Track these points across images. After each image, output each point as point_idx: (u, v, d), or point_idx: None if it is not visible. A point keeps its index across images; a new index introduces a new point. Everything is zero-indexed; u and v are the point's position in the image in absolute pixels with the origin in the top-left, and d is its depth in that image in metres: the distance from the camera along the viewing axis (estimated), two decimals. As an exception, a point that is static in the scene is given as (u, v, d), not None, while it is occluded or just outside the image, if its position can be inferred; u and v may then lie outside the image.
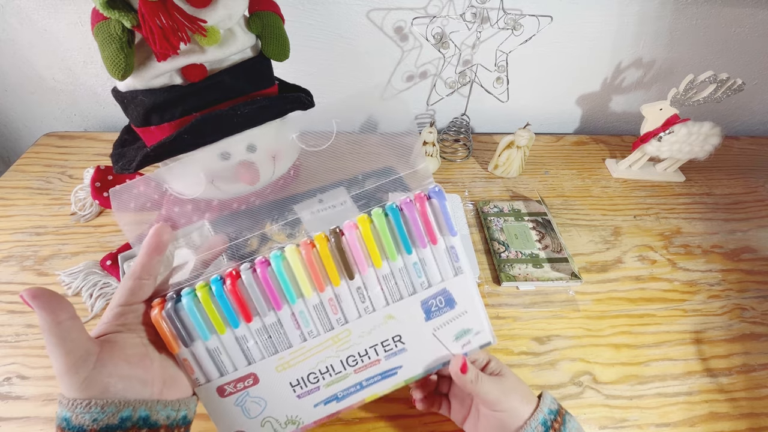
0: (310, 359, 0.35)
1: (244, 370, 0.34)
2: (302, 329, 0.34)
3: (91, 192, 0.60)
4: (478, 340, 0.37)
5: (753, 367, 0.51)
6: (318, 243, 0.33)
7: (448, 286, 0.35)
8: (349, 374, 0.36)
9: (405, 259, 0.34)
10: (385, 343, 0.36)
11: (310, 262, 0.33)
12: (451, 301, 0.35)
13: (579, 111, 0.90)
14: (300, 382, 0.35)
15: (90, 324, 0.50)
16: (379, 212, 0.34)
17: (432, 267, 0.35)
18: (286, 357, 0.35)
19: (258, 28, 0.50)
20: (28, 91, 0.79)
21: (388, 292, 0.35)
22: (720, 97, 0.66)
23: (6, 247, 0.57)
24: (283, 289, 0.33)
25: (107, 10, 0.39)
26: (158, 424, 0.29)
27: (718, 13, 0.75)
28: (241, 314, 0.33)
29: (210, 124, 0.48)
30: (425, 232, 0.34)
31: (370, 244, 0.33)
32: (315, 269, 0.33)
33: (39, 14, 0.68)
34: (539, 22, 0.59)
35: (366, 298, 0.35)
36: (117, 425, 0.28)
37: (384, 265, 0.34)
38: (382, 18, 0.71)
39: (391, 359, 0.36)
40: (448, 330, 0.36)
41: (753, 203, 0.74)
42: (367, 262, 0.33)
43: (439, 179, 0.74)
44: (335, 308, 0.34)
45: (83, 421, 0.27)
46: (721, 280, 0.60)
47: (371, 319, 0.35)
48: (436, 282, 0.35)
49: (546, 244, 0.61)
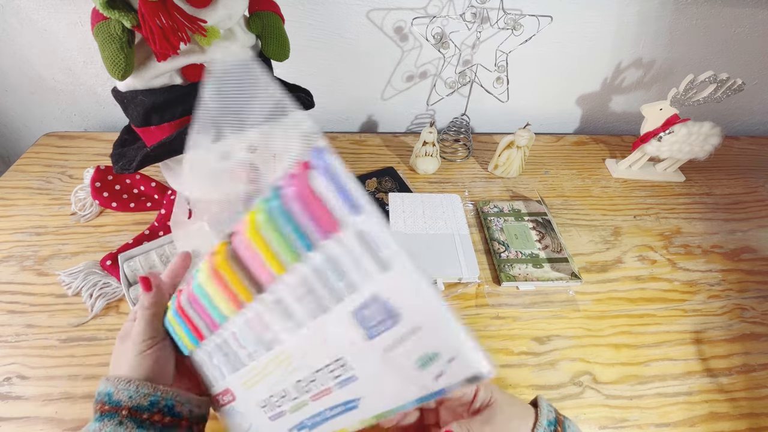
0: (265, 380, 0.31)
1: (222, 384, 0.34)
2: (245, 349, 0.30)
3: (91, 192, 0.60)
4: (457, 371, 0.23)
5: (753, 367, 0.51)
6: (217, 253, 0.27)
7: (380, 288, 0.23)
8: (306, 401, 0.30)
9: (310, 260, 0.24)
10: (330, 367, 0.28)
11: (216, 275, 0.28)
12: (391, 312, 0.24)
13: (579, 111, 0.90)
14: (267, 403, 0.32)
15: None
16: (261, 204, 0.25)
17: (348, 264, 0.23)
18: (245, 375, 0.31)
19: (258, 28, 0.50)
20: (28, 91, 0.79)
21: (311, 304, 0.26)
22: (720, 97, 0.66)
23: (6, 247, 0.57)
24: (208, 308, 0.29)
25: (107, 10, 0.39)
26: (181, 415, 0.32)
27: (718, 13, 0.75)
28: (194, 332, 0.32)
29: (210, 124, 0.48)
30: (319, 219, 0.23)
31: (260, 244, 0.25)
32: (225, 286, 0.28)
33: (39, 14, 0.68)
34: (539, 22, 0.59)
35: (289, 313, 0.27)
36: (146, 407, 0.31)
37: (289, 270, 0.25)
38: (382, 18, 0.71)
39: (344, 388, 0.28)
40: (405, 354, 0.25)
41: (753, 203, 0.74)
42: (269, 269, 0.26)
43: (439, 179, 0.74)
44: (263, 326, 0.28)
45: (121, 397, 0.31)
46: (721, 280, 0.60)
47: (304, 337, 0.27)
48: (361, 285, 0.24)
49: (546, 244, 0.61)
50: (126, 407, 0.30)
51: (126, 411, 0.30)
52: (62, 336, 0.48)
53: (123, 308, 0.51)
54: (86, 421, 0.42)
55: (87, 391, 0.44)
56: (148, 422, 0.31)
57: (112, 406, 0.31)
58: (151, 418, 0.31)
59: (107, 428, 0.30)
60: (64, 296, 0.52)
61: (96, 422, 0.30)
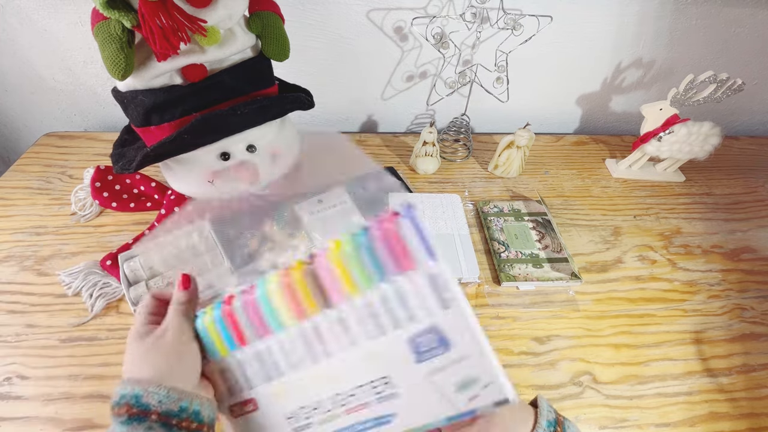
0: (301, 392, 0.33)
1: (246, 394, 0.35)
2: (290, 358, 0.33)
3: (91, 192, 0.60)
4: (489, 395, 0.29)
5: (753, 367, 0.51)
6: (294, 272, 0.31)
7: (438, 322, 0.29)
8: (339, 414, 0.33)
9: (380, 289, 0.29)
10: (374, 384, 0.32)
11: (289, 290, 0.31)
12: (444, 341, 0.29)
13: (579, 111, 0.90)
14: (294, 415, 0.34)
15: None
16: (348, 236, 0.30)
17: (413, 299, 0.29)
18: (278, 386, 0.34)
19: (258, 28, 0.50)
20: (28, 91, 0.79)
21: (371, 326, 0.30)
22: (720, 97, 0.66)
23: (6, 247, 0.57)
24: (267, 317, 0.32)
25: (107, 10, 0.39)
26: (203, 421, 0.32)
27: (718, 13, 0.75)
28: (237, 338, 0.34)
29: (210, 124, 0.48)
30: (399, 257, 0.28)
31: (341, 269, 0.30)
32: (294, 298, 0.31)
33: (39, 14, 0.68)
34: (539, 22, 0.59)
35: (348, 331, 0.31)
36: (176, 413, 0.31)
37: (361, 294, 0.30)
38: (382, 18, 0.71)
39: (383, 404, 0.32)
40: (447, 377, 0.30)
41: (753, 203, 0.74)
42: (342, 292, 0.30)
43: (439, 179, 0.74)
44: (318, 339, 0.32)
45: (151, 401, 0.30)
46: (721, 280, 0.60)
47: (354, 354, 0.31)
48: (422, 317, 0.29)
49: (546, 244, 0.61)
50: (156, 412, 0.30)
51: (156, 416, 0.30)
52: (62, 336, 0.48)
53: (123, 308, 0.51)
54: (87, 421, 0.42)
55: (87, 391, 0.44)
56: (176, 428, 0.30)
57: (141, 409, 0.30)
58: (180, 423, 0.31)
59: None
60: (64, 296, 0.52)
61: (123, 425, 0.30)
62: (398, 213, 0.28)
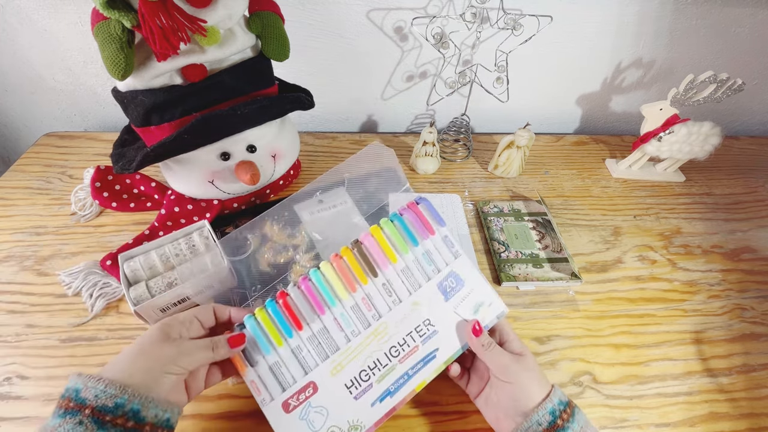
0: (358, 357, 0.40)
1: (303, 381, 0.39)
2: (345, 330, 0.40)
3: (91, 192, 0.60)
4: (493, 311, 0.43)
5: (753, 367, 0.51)
6: (344, 254, 0.42)
7: (454, 267, 0.44)
8: (395, 365, 0.40)
9: (414, 252, 0.43)
10: (418, 328, 0.41)
11: (341, 269, 0.42)
12: (460, 280, 0.43)
13: (579, 111, 0.90)
14: (354, 382, 0.39)
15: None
16: (386, 220, 0.44)
17: (436, 255, 0.44)
18: (337, 359, 0.39)
19: (258, 28, 0.50)
20: (28, 91, 0.79)
21: (409, 283, 0.42)
22: (720, 97, 0.66)
23: (6, 247, 0.57)
24: (324, 295, 0.41)
25: (107, 10, 0.39)
26: (145, 420, 0.31)
27: (718, 13, 0.75)
28: (293, 324, 0.40)
29: (210, 124, 0.48)
30: (424, 227, 0.44)
31: (384, 245, 0.43)
32: (346, 274, 0.41)
33: (39, 14, 0.68)
34: (539, 22, 0.59)
35: (392, 292, 0.42)
36: (110, 408, 0.30)
37: (399, 260, 0.42)
38: (382, 18, 0.71)
39: (427, 343, 0.41)
40: (466, 306, 0.43)
41: (753, 203, 0.74)
42: (385, 261, 0.42)
43: (439, 179, 0.74)
44: (368, 305, 0.41)
45: (87, 395, 0.30)
46: (721, 280, 0.60)
47: (400, 309, 0.41)
48: (443, 266, 0.43)
49: (546, 244, 0.61)
50: (90, 406, 0.29)
51: (89, 410, 0.29)
52: (62, 336, 0.48)
53: (123, 308, 0.51)
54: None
55: (87, 391, 0.44)
56: (110, 424, 0.29)
57: (77, 403, 0.30)
58: (114, 420, 0.30)
59: (67, 425, 0.29)
60: (64, 296, 0.52)
61: (57, 418, 0.29)
62: (416, 201, 0.45)
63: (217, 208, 0.59)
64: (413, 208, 0.44)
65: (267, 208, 0.55)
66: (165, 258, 0.51)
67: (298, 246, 0.59)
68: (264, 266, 0.56)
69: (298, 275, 0.55)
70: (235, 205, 0.62)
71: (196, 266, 0.50)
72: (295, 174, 0.70)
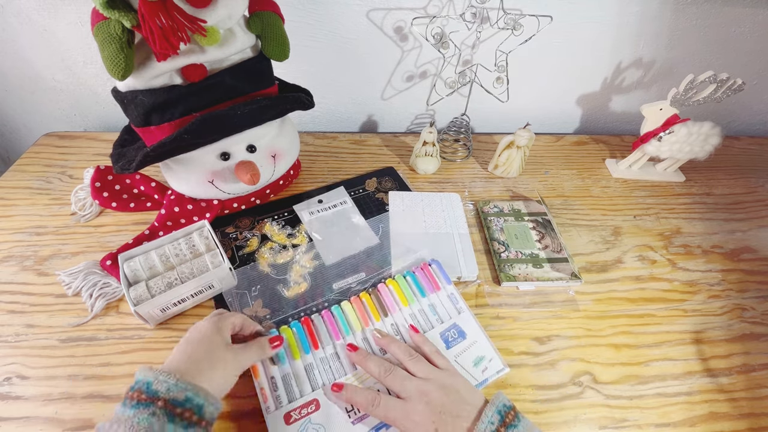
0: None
1: (308, 396, 0.41)
2: None
3: (91, 192, 0.60)
4: (493, 367, 0.46)
5: (753, 367, 0.51)
6: (363, 297, 0.51)
7: (457, 321, 0.49)
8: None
9: (421, 302, 0.51)
10: None
11: (359, 307, 0.50)
12: (462, 333, 0.48)
13: (579, 111, 0.90)
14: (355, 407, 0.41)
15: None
16: (400, 276, 0.53)
17: (441, 308, 0.50)
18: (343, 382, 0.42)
19: (258, 28, 0.50)
20: (28, 91, 0.79)
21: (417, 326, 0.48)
22: (720, 97, 0.66)
23: (6, 247, 0.57)
24: (341, 325, 0.48)
25: (107, 10, 0.39)
26: (204, 416, 0.34)
27: (718, 13, 0.75)
28: (311, 342, 0.46)
29: (210, 124, 0.48)
30: (432, 284, 0.52)
31: (398, 292, 0.51)
32: (362, 311, 0.49)
33: (39, 14, 0.68)
34: (539, 22, 0.59)
35: (399, 332, 0.48)
36: (180, 402, 0.33)
37: (408, 307, 0.50)
38: (382, 18, 0.71)
39: None
40: (466, 357, 0.46)
41: (753, 203, 0.74)
42: (395, 306, 0.50)
43: (439, 179, 0.74)
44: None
45: (160, 388, 0.33)
46: (721, 280, 0.60)
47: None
48: (447, 319, 0.49)
49: (546, 244, 0.61)
50: (163, 399, 0.32)
51: (162, 402, 0.32)
52: (62, 336, 0.48)
53: (123, 308, 0.51)
54: (87, 421, 0.42)
55: (87, 391, 0.44)
56: (179, 417, 0.32)
57: (149, 395, 0.32)
58: (183, 413, 0.32)
59: (142, 416, 0.31)
60: (64, 296, 0.52)
61: (131, 409, 0.31)
62: (427, 262, 0.54)
63: (217, 208, 0.59)
64: (425, 269, 0.53)
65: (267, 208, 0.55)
66: (165, 258, 0.51)
67: (298, 246, 0.59)
68: (264, 266, 0.56)
69: (298, 275, 0.55)
70: (235, 205, 0.62)
71: (196, 266, 0.50)
72: (295, 174, 0.70)
